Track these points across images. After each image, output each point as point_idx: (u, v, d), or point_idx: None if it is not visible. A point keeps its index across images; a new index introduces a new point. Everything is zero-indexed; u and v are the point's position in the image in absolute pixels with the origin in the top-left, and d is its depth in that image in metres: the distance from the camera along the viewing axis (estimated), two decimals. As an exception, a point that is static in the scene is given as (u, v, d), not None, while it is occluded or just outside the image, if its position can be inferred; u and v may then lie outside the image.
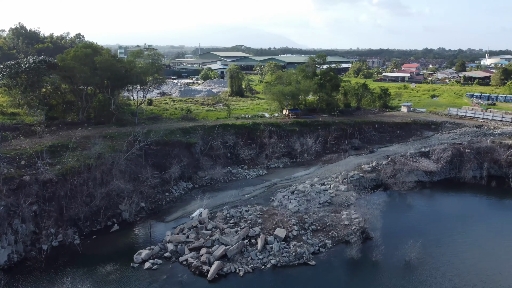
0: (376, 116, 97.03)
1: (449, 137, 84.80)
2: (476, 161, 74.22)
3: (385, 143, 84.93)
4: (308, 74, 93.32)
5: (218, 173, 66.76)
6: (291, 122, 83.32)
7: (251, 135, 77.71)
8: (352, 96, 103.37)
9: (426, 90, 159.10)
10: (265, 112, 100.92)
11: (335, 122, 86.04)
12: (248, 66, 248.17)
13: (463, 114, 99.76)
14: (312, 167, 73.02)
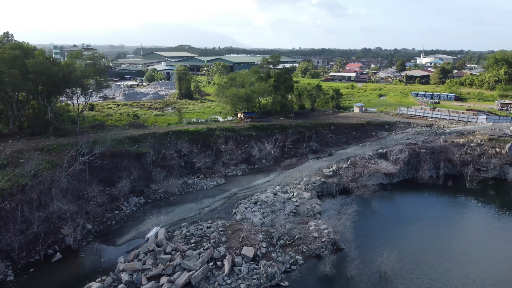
0: (331, 117, 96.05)
1: (403, 137, 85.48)
2: (431, 161, 75.01)
3: (342, 145, 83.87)
4: (262, 76, 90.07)
5: (173, 184, 61.47)
6: (247, 127, 79.62)
7: (206, 141, 73.01)
8: (306, 97, 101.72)
9: (373, 90, 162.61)
10: (217, 115, 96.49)
11: (291, 125, 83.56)
12: (194, 66, 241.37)
13: (413, 113, 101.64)
14: (272, 174, 69.85)
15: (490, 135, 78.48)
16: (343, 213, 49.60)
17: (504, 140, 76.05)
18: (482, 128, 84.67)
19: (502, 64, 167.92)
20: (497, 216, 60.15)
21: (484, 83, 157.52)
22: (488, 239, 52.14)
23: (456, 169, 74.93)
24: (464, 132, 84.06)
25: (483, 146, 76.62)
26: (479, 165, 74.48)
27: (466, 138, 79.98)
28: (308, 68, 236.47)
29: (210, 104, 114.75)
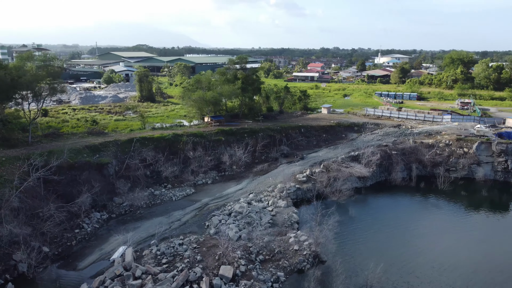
0: (300, 119, 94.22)
1: (373, 138, 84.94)
2: (403, 162, 74.74)
3: (313, 148, 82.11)
4: (229, 77, 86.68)
5: (139, 197, 56.94)
6: (215, 131, 76.02)
7: (172, 148, 68.78)
8: (274, 99, 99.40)
9: (337, 90, 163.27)
10: (183, 119, 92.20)
11: (261, 129, 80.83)
12: (154, 67, 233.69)
13: (380, 114, 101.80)
14: (244, 181, 66.75)
15: (457, 135, 79.38)
16: (324, 223, 47.32)
17: (471, 140, 77.03)
18: (449, 128, 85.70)
19: (458, 64, 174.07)
20: (474, 218, 60.32)
21: (442, 83, 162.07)
22: (468, 242, 51.72)
23: (427, 170, 75.13)
24: (432, 132, 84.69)
25: (451, 146, 77.29)
26: (448, 165, 75.00)
27: (435, 139, 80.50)
28: (271, 68, 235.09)
29: (174, 107, 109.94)
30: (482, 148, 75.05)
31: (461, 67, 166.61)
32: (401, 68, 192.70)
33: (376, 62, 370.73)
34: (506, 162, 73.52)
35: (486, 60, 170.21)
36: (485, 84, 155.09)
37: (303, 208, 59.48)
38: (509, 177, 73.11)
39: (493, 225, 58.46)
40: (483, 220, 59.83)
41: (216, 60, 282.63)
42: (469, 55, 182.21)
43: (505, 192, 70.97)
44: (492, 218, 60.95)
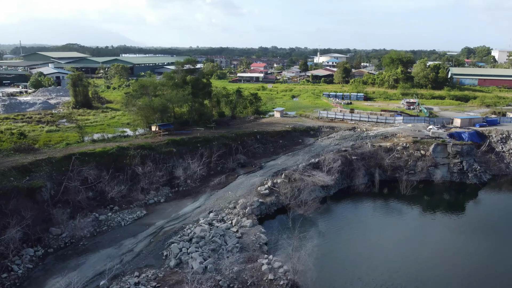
0: (254, 124, 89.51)
1: (330, 143, 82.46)
2: (364, 168, 72.76)
3: (271, 156, 77.76)
4: (177, 82, 79.62)
5: (81, 225, 48.79)
6: (165, 142, 68.90)
7: (118, 164, 60.80)
8: (225, 104, 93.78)
9: (284, 91, 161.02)
10: (126, 128, 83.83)
11: (215, 137, 74.90)
12: (89, 68, 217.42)
13: (333, 116, 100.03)
14: (201, 197, 60.65)
15: (413, 137, 79.08)
16: (300, 247, 42.86)
17: (427, 142, 76.97)
18: (403, 130, 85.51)
19: (398, 64, 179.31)
20: (436, 222, 59.32)
21: (384, 82, 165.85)
22: (444, 250, 49.99)
23: (387, 174, 73.82)
24: (387, 135, 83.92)
25: (408, 149, 76.67)
26: (407, 169, 74.24)
27: (391, 142, 79.61)
28: (214, 68, 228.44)
29: (114, 114, 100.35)
30: (438, 150, 75.16)
31: (400, 66, 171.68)
32: (344, 68, 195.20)
33: (315, 61, 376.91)
34: (461, 163, 74.14)
35: (423, 60, 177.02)
36: (424, 83, 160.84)
37: (269, 225, 54.88)
38: (465, 178, 73.81)
39: (453, 227, 57.89)
40: (443, 224, 59.37)
41: (155, 61, 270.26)
42: (407, 55, 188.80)
43: (461, 193, 71.43)
44: (453, 220, 60.69)
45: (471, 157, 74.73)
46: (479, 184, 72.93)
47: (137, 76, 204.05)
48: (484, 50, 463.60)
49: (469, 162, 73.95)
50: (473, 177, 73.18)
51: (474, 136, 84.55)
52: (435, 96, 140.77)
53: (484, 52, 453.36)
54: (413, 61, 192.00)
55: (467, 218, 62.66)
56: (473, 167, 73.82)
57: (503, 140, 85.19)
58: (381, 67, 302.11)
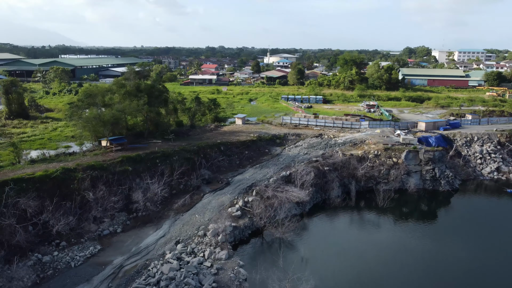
0: (216, 134, 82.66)
1: (299, 152, 77.67)
2: (337, 179, 68.63)
3: (237, 169, 71.49)
4: (130, 90, 70.87)
5: (19, 272, 39.88)
6: (119, 159, 60.35)
7: (64, 190, 51.69)
8: (183, 112, 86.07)
9: (240, 94, 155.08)
10: (71, 142, 74.13)
11: (175, 151, 67.28)
12: (24, 71, 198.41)
13: (296, 122, 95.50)
14: (165, 223, 53.20)
15: (384, 144, 76.19)
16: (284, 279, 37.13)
17: (398, 149, 74.30)
18: (371, 136, 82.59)
19: (351, 65, 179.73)
20: (426, 234, 56.03)
21: (340, 84, 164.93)
22: (430, 263, 46.50)
23: (361, 184, 70.24)
24: (356, 142, 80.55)
25: (380, 157, 73.58)
26: (380, 178, 71.13)
27: (362, 149, 76.24)
28: (163, 70, 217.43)
29: (56, 125, 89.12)
30: (410, 157, 72.73)
31: (354, 68, 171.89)
32: (298, 69, 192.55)
33: (265, 61, 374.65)
34: (433, 170, 72.17)
35: (377, 62, 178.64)
36: (378, 85, 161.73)
37: (246, 253, 48.77)
38: (437, 185, 71.93)
39: (435, 238, 55.08)
40: (426, 236, 56.44)
41: (99, 62, 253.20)
42: (360, 56, 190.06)
43: (435, 201, 69.28)
44: (433, 231, 58.04)
45: (443, 164, 73.07)
46: (451, 191, 71.33)
47: (80, 79, 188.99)
48: (424, 50, 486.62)
49: (441, 169, 72.19)
50: (446, 184, 71.47)
51: (441, 141, 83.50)
52: (391, 98, 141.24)
53: (424, 52, 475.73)
54: (366, 62, 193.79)
55: (446, 227, 60.20)
56: (445, 174, 72.14)
57: (468, 143, 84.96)
58: (331, 67, 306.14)
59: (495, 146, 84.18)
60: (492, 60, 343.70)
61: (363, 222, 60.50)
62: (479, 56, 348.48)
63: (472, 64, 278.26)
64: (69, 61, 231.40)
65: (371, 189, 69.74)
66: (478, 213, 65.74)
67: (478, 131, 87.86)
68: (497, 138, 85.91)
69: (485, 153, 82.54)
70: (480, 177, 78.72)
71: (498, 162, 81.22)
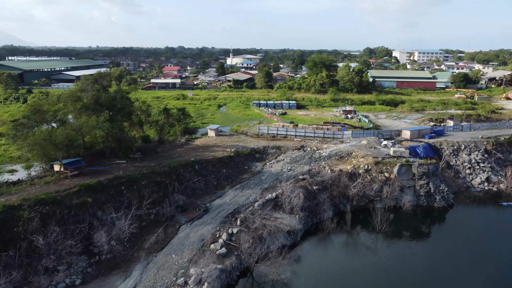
0: (188, 150, 73.67)
1: (282, 168, 70.35)
2: (329, 200, 61.74)
3: (215, 191, 63.08)
4: (88, 103, 60.46)
5: None
6: (75, 189, 50.26)
7: (5, 234, 41.35)
8: (149, 124, 76.30)
9: (208, 99, 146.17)
10: (16, 164, 62.94)
11: (143, 174, 57.81)
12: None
13: (274, 132, 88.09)
14: (135, 268, 43.99)
15: (374, 157, 70.15)
16: None
17: (389, 163, 68.46)
18: (357, 148, 76.52)
19: (320, 67, 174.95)
20: (429, 258, 49.97)
21: (311, 87, 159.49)
22: None
23: (353, 203, 63.76)
24: (342, 154, 74.19)
25: (371, 172, 67.46)
26: (373, 195, 65.02)
27: (350, 163, 69.88)
28: (122, 74, 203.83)
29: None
30: (403, 171, 67.10)
31: (324, 70, 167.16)
32: (266, 72, 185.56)
33: (228, 62, 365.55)
34: (427, 185, 66.91)
35: (347, 64, 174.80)
36: (349, 88, 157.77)
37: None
38: (432, 201, 66.72)
39: (433, 263, 49.25)
40: (422, 260, 50.29)
41: (51, 65, 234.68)
42: (330, 58, 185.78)
43: (432, 219, 63.90)
44: (432, 255, 52.05)
45: (437, 178, 68.02)
46: (447, 206, 66.38)
47: (29, 84, 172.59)
48: (384, 51, 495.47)
49: (436, 184, 67.09)
50: (441, 200, 66.39)
51: (428, 150, 78.96)
52: (365, 102, 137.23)
53: (383, 52, 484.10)
54: (335, 64, 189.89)
55: (450, 250, 54.46)
56: (440, 189, 67.11)
57: (455, 152, 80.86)
58: (296, 68, 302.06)
59: (483, 155, 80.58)
60: (450, 60, 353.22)
61: (361, 250, 53.78)
62: (438, 56, 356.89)
63: (433, 65, 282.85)
64: (17, 64, 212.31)
65: (364, 208, 63.59)
66: (479, 232, 60.61)
67: (464, 139, 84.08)
68: (483, 146, 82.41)
69: (473, 162, 78.68)
70: (471, 189, 74.53)
71: (487, 172, 77.53)
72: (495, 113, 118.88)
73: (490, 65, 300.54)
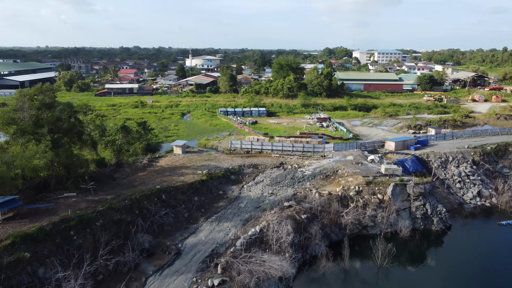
0: (152, 174, 63.11)
1: (262, 192, 61.62)
2: (320, 230, 53.62)
3: (187, 225, 53.28)
4: (25, 127, 48.53)
5: None
6: (8, 242, 38.93)
7: None
8: (105, 145, 64.92)
9: (169, 107, 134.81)
10: None
11: (98, 212, 46.99)
12: None
13: (248, 146, 79.21)
14: None
15: (364, 176, 62.81)
16: None
17: (382, 183, 61.35)
18: (343, 164, 69.10)
19: (287, 70, 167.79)
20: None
21: (278, 92, 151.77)
22: None
23: (345, 232, 56.02)
24: (327, 173, 66.50)
25: (363, 194, 60.09)
26: (367, 222, 57.64)
27: (338, 184, 62.19)
28: (73, 78, 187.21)
29: None
30: (397, 192, 60.22)
31: (292, 74, 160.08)
32: (230, 75, 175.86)
33: (188, 64, 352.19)
34: (424, 206, 60.41)
35: (315, 67, 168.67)
36: (318, 91, 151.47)
37: None
38: (429, 224, 60.30)
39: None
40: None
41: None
42: (297, 61, 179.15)
43: (433, 246, 57.46)
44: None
45: (434, 197, 61.76)
46: (445, 228, 60.22)
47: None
48: (343, 51, 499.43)
49: (433, 204, 60.78)
50: (439, 222, 60.09)
51: (417, 164, 73.05)
52: (336, 107, 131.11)
53: (342, 52, 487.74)
54: (302, 67, 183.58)
55: (457, 280, 48.29)
56: (438, 210, 60.86)
57: (443, 165, 75.47)
58: (259, 69, 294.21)
59: (471, 166, 75.73)
60: (409, 61, 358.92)
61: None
62: (397, 57, 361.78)
63: (394, 66, 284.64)
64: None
65: (358, 235, 56.20)
66: (485, 258, 54.69)
67: (451, 149, 79.00)
68: (471, 156, 77.66)
69: (463, 175, 73.55)
70: (464, 205, 69.11)
71: (478, 186, 72.61)
72: (469, 118, 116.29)
73: (448, 65, 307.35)
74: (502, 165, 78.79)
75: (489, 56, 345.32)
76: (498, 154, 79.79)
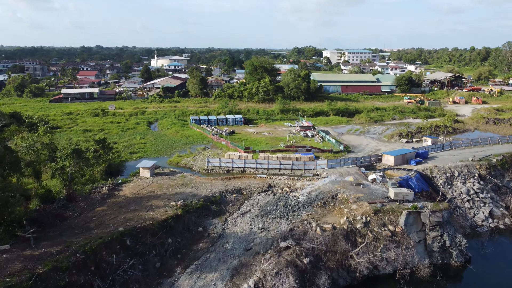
0: (112, 208, 50.76)
1: (251, 227, 50.77)
2: (327, 278, 43.28)
3: (160, 281, 41.60)
4: None
5: None
6: None
7: None
8: (53, 173, 51.85)
9: (134, 114, 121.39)
10: None
11: (38, 276, 34.66)
12: None
13: (228, 165, 68.12)
14: None
15: (370, 203, 53.09)
16: None
17: (392, 210, 51.83)
18: (342, 187, 59.19)
19: (261, 72, 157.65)
20: None
21: (254, 96, 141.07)
22: None
23: (355, 275, 46.08)
24: (325, 198, 56.47)
25: (371, 225, 50.37)
26: (378, 261, 47.90)
27: (340, 213, 52.22)
28: (25, 82, 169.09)
29: None
30: (410, 221, 50.89)
31: (268, 76, 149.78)
32: (200, 78, 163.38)
33: (153, 64, 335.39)
34: (441, 237, 51.39)
35: (292, 68, 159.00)
36: (296, 95, 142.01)
37: None
38: (448, 258, 51.35)
39: None
40: None
41: None
42: (271, 62, 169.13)
43: (445, 280, 48.52)
44: None
45: (452, 226, 52.91)
46: (465, 262, 51.48)
47: None
48: (312, 50, 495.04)
49: (451, 234, 51.90)
50: (459, 255, 51.26)
51: (422, 182, 64.37)
52: (318, 112, 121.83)
53: (312, 52, 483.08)
54: (277, 68, 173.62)
55: None
56: (457, 241, 52.02)
57: (449, 181, 67.19)
58: (229, 70, 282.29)
59: (479, 182, 67.88)
60: (379, 60, 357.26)
61: None
62: (368, 56, 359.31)
63: (367, 66, 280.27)
64: None
65: (368, 277, 46.44)
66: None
67: (454, 163, 70.93)
68: (477, 170, 69.87)
69: (472, 193, 65.47)
70: (477, 229, 60.92)
71: (489, 205, 64.70)
72: (458, 122, 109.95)
73: (418, 65, 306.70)
74: (509, 178, 71.55)
75: (456, 55, 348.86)
76: (505, 166, 72.50)
